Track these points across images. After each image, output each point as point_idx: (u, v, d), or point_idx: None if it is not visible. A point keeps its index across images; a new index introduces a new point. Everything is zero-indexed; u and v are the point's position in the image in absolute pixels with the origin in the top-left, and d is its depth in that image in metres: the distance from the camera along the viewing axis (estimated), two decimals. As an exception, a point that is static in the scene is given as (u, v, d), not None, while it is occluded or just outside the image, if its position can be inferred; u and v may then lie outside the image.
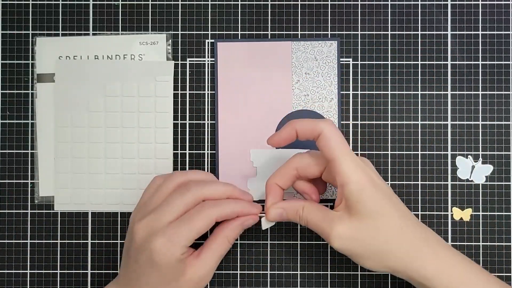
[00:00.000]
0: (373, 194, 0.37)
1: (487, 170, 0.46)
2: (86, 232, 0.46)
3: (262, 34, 0.46)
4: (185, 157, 0.46)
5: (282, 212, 0.40)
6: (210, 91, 0.46)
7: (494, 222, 0.46)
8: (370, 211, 0.37)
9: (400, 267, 0.38)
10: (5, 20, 0.47)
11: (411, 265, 0.38)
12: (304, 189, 0.41)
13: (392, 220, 0.38)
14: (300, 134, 0.39)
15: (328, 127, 0.38)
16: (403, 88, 0.46)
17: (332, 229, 0.37)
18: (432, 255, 0.38)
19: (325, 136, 0.38)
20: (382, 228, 0.37)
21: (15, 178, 0.46)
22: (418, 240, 0.38)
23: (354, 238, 0.37)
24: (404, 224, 0.38)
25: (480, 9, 0.46)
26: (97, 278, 0.46)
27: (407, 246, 0.38)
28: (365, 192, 0.37)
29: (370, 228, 0.37)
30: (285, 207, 0.40)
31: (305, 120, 0.39)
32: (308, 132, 0.38)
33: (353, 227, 0.37)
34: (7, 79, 0.46)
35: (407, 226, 0.38)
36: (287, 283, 0.46)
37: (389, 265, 0.38)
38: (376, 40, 0.46)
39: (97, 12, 0.47)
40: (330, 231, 0.38)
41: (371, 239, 0.37)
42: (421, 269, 0.37)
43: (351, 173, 0.37)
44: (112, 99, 0.46)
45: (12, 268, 0.46)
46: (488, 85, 0.46)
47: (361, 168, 0.38)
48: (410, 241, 0.38)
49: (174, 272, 0.38)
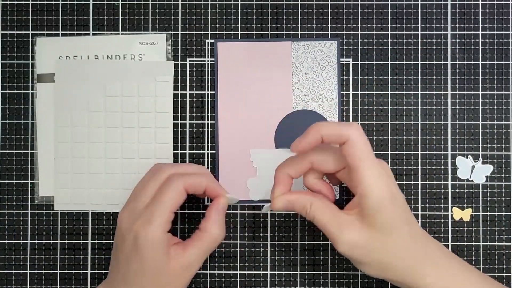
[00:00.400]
0: (391, 209, 0.37)
1: (487, 170, 0.46)
2: (86, 232, 0.46)
3: (262, 34, 0.46)
4: (185, 157, 0.46)
5: (288, 205, 0.39)
6: (210, 91, 0.46)
7: (494, 222, 0.46)
8: (385, 226, 0.37)
9: (400, 278, 0.38)
10: (5, 20, 0.47)
11: (411, 277, 0.38)
12: (322, 190, 0.40)
13: (401, 237, 0.37)
14: (325, 139, 0.37)
15: (356, 134, 0.36)
16: (403, 88, 0.46)
17: (341, 234, 0.37)
18: (432, 266, 0.38)
19: (352, 143, 0.36)
20: (391, 242, 0.37)
21: (15, 178, 0.46)
22: (421, 255, 0.38)
23: (361, 246, 0.37)
24: (412, 240, 0.38)
25: (480, 9, 0.46)
26: (97, 278, 0.46)
27: (410, 261, 0.38)
28: (383, 207, 0.36)
29: (379, 240, 0.37)
30: (293, 200, 0.39)
31: (331, 124, 0.37)
32: (334, 138, 0.37)
33: (362, 236, 0.37)
34: (7, 79, 0.46)
35: (414, 243, 0.38)
36: (287, 283, 0.46)
37: (388, 275, 0.38)
38: (376, 40, 0.46)
39: (97, 12, 0.47)
40: (339, 235, 0.37)
41: (377, 250, 0.37)
42: (420, 281, 0.38)
43: (373, 187, 0.36)
44: (112, 99, 0.46)
45: (12, 268, 0.46)
46: (488, 85, 0.46)
47: (383, 181, 0.36)
48: (414, 257, 0.38)
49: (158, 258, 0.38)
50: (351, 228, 0.37)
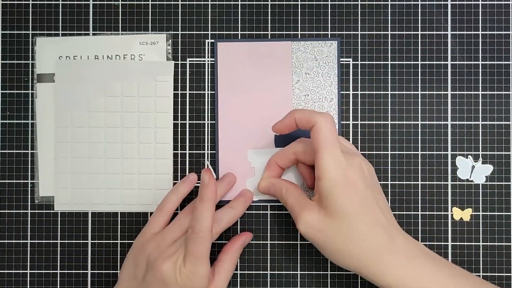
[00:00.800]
0: (344, 194, 0.38)
1: (487, 170, 0.46)
2: (86, 232, 0.46)
3: (262, 34, 0.46)
4: (185, 157, 0.46)
5: (270, 186, 0.43)
6: (210, 91, 0.46)
7: (494, 222, 0.46)
8: (337, 210, 0.38)
9: (363, 270, 0.38)
10: (5, 20, 0.47)
11: (374, 270, 0.38)
12: (302, 173, 0.44)
13: (356, 224, 0.38)
14: (298, 123, 0.40)
15: (323, 120, 0.39)
16: (403, 88, 0.46)
17: (301, 214, 0.39)
18: (396, 264, 0.38)
19: (317, 128, 0.39)
20: (344, 229, 0.38)
21: (15, 178, 0.46)
22: (381, 248, 0.38)
23: (317, 229, 0.39)
24: (368, 230, 0.38)
25: (480, 9, 0.46)
26: (97, 278, 0.46)
27: (370, 252, 0.38)
28: (336, 190, 0.38)
29: (334, 225, 0.38)
30: (274, 183, 0.43)
31: (305, 111, 0.40)
32: (304, 122, 0.40)
33: (318, 219, 0.39)
34: (7, 79, 0.46)
35: (372, 234, 0.38)
36: (287, 283, 0.46)
37: (351, 265, 0.39)
38: (376, 40, 0.46)
39: (97, 12, 0.47)
40: (299, 215, 0.40)
41: (332, 236, 0.38)
42: (383, 277, 0.38)
43: (328, 169, 0.38)
44: (112, 99, 0.46)
45: (12, 268, 0.46)
46: (488, 85, 0.46)
47: (340, 166, 0.38)
48: (372, 248, 0.38)
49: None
50: (310, 209, 0.39)
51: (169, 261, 0.39)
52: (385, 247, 0.38)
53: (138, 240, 0.42)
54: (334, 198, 0.38)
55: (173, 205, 0.43)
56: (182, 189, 0.44)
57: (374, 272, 0.38)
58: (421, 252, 0.39)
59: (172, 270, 0.39)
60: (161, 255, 0.40)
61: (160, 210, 0.43)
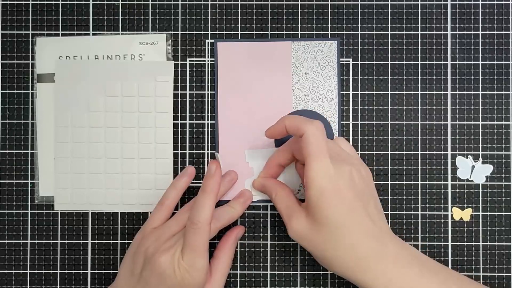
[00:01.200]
0: (332, 204, 0.37)
1: (487, 170, 0.46)
2: (86, 232, 0.46)
3: (262, 34, 0.46)
4: (185, 157, 0.46)
5: (262, 187, 0.44)
6: (210, 91, 0.46)
7: (494, 222, 0.46)
8: (324, 220, 0.38)
9: (352, 276, 0.38)
10: (5, 20, 0.47)
11: (361, 277, 0.38)
12: (300, 172, 0.44)
13: (343, 235, 0.38)
14: (288, 130, 0.40)
15: (312, 130, 0.38)
16: (403, 88, 0.46)
17: (290, 221, 0.40)
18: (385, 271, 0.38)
19: (306, 137, 0.38)
20: (332, 238, 0.38)
21: (15, 178, 0.46)
22: (369, 257, 0.38)
23: (305, 237, 0.39)
24: (357, 241, 0.38)
25: (480, 9, 0.46)
26: (97, 278, 0.46)
27: (357, 261, 0.38)
28: (323, 200, 0.37)
29: (321, 234, 0.38)
30: (266, 184, 0.44)
31: (295, 118, 0.40)
32: (294, 130, 0.40)
33: (305, 227, 0.39)
34: (7, 79, 0.46)
35: (360, 244, 0.38)
36: (287, 283, 0.46)
37: (339, 272, 0.39)
38: (376, 40, 0.46)
39: (97, 12, 0.47)
40: (287, 223, 0.40)
41: (320, 244, 0.38)
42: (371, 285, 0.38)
43: (316, 179, 0.38)
44: (112, 99, 0.46)
45: (12, 268, 0.46)
46: (488, 85, 0.46)
47: (328, 176, 0.38)
48: (360, 258, 0.38)
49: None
50: (298, 217, 0.39)
51: (167, 254, 0.39)
52: (374, 256, 0.38)
53: (138, 236, 0.42)
54: (322, 208, 0.38)
55: (173, 199, 0.43)
56: (181, 183, 0.44)
57: (362, 279, 0.38)
58: (412, 258, 0.39)
59: (170, 263, 0.38)
60: (159, 248, 0.39)
61: (161, 205, 0.43)
